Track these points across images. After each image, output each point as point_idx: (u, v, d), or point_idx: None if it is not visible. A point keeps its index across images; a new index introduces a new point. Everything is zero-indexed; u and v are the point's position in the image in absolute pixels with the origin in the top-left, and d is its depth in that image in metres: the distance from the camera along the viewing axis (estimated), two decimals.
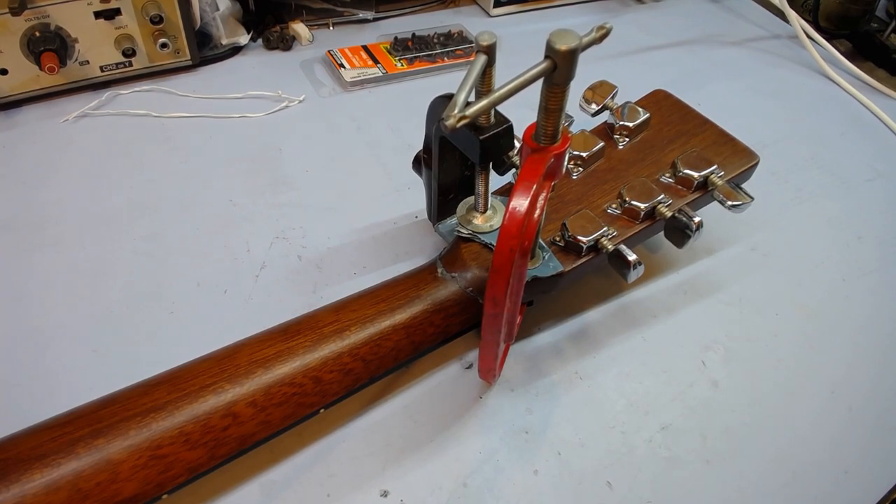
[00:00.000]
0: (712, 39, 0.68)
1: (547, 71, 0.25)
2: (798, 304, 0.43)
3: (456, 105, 0.26)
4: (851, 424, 0.37)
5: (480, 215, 0.38)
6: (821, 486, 0.35)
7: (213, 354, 0.32)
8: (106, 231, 0.44)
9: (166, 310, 0.40)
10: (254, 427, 0.30)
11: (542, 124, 0.28)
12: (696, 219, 0.37)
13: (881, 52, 0.67)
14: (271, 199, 0.47)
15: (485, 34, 0.28)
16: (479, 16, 0.69)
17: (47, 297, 0.40)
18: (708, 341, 0.41)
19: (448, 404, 0.37)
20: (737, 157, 0.41)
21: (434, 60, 0.61)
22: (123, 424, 0.29)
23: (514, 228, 0.27)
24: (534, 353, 0.39)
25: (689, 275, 0.44)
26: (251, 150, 0.51)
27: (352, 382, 0.33)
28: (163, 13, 0.53)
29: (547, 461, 0.35)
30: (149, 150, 0.50)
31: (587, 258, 0.37)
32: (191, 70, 0.58)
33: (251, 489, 0.33)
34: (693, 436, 0.36)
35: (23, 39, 0.49)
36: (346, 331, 0.33)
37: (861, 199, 0.51)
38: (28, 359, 0.37)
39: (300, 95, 0.56)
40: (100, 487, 0.27)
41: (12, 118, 0.52)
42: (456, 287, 0.36)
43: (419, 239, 0.45)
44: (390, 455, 0.34)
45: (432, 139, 0.36)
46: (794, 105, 0.60)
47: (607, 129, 0.43)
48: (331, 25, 0.65)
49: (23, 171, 0.48)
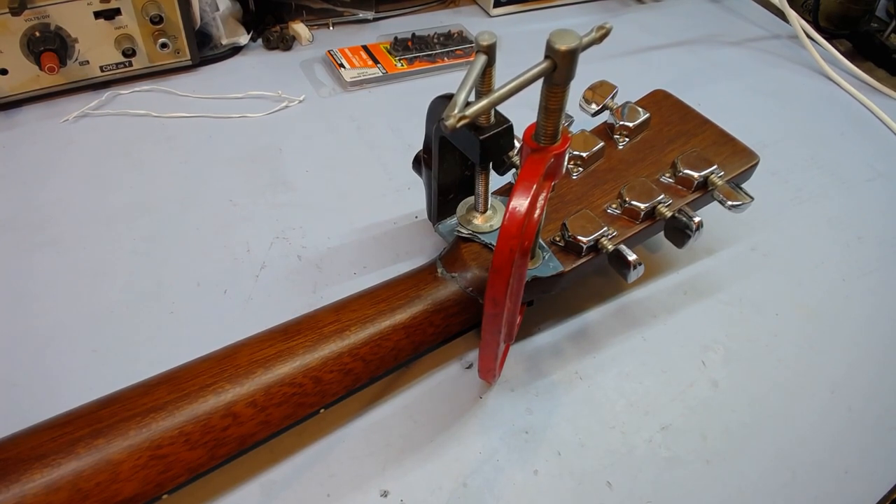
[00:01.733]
0: (712, 39, 0.68)
1: (547, 71, 0.25)
2: (798, 304, 0.43)
3: (456, 105, 0.26)
4: (851, 424, 0.37)
5: (480, 215, 0.38)
6: (821, 486, 0.35)
7: (213, 354, 0.32)
8: (106, 231, 0.44)
9: (166, 310, 0.40)
10: (254, 427, 0.30)
11: (542, 124, 0.28)
12: (696, 219, 0.37)
13: (881, 52, 0.67)
14: (271, 199, 0.47)
15: (485, 34, 0.28)
16: (479, 16, 0.69)
17: (47, 296, 0.40)
18: (708, 341, 0.41)
19: (448, 404, 0.37)
20: (737, 157, 0.41)
21: (434, 60, 0.61)
22: (123, 424, 0.29)
23: (514, 228, 0.27)
24: (534, 353, 0.39)
25: (689, 275, 0.44)
26: (251, 150, 0.51)
27: (352, 382, 0.33)
28: (163, 13, 0.53)
29: (547, 461, 0.35)
30: (149, 150, 0.50)
31: (587, 258, 0.37)
32: (191, 70, 0.58)
33: (251, 489, 0.33)
34: (693, 436, 0.36)
35: (23, 39, 0.49)
36: (346, 331, 0.33)
37: (861, 199, 0.51)
38: (28, 359, 0.37)
39: (300, 95, 0.56)
40: (100, 487, 0.27)
41: (12, 118, 0.52)
42: (456, 287, 0.36)
43: (419, 239, 0.45)
44: (390, 455, 0.34)
45: (432, 139, 0.36)
46: (794, 105, 0.60)
47: (607, 129, 0.43)
48: (331, 25, 0.65)
49: (23, 171, 0.48)
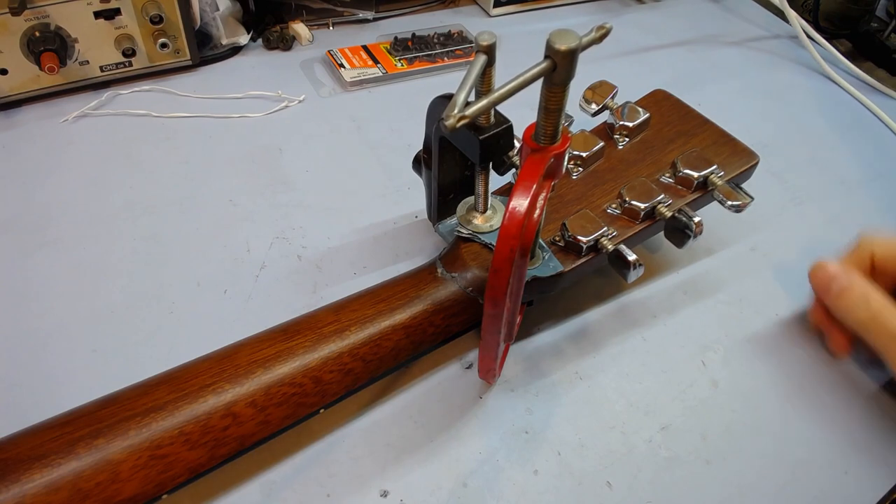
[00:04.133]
0: (712, 39, 0.68)
1: (547, 71, 0.25)
2: (798, 305, 0.43)
3: (456, 105, 0.26)
4: (851, 424, 0.37)
5: (480, 215, 0.38)
6: (821, 486, 0.35)
7: (213, 354, 0.32)
8: (106, 231, 0.44)
9: (166, 310, 0.40)
10: (254, 427, 0.30)
11: (542, 124, 0.28)
12: (696, 219, 0.37)
13: (881, 52, 0.67)
14: (271, 199, 0.47)
15: (485, 34, 0.28)
16: (479, 16, 0.69)
17: (47, 296, 0.40)
18: (708, 341, 0.41)
19: (448, 404, 0.37)
20: (737, 157, 0.41)
21: (434, 60, 0.61)
22: (123, 424, 0.29)
23: (514, 228, 0.27)
24: (534, 353, 0.39)
25: (689, 275, 0.44)
26: (251, 150, 0.51)
27: (352, 382, 0.33)
28: (163, 13, 0.53)
29: (547, 461, 0.35)
30: (149, 150, 0.50)
31: (587, 258, 0.37)
32: (191, 70, 0.58)
33: (251, 489, 0.33)
34: (693, 436, 0.36)
35: (23, 39, 0.49)
36: (346, 331, 0.33)
37: (861, 199, 0.51)
38: (28, 359, 0.37)
39: (300, 95, 0.56)
40: (100, 487, 0.27)
41: (12, 118, 0.52)
42: (456, 287, 0.36)
43: (419, 239, 0.45)
44: (390, 455, 0.34)
45: (432, 139, 0.36)
46: (794, 105, 0.60)
47: (607, 129, 0.43)
48: (331, 25, 0.65)
49: (23, 171, 0.48)
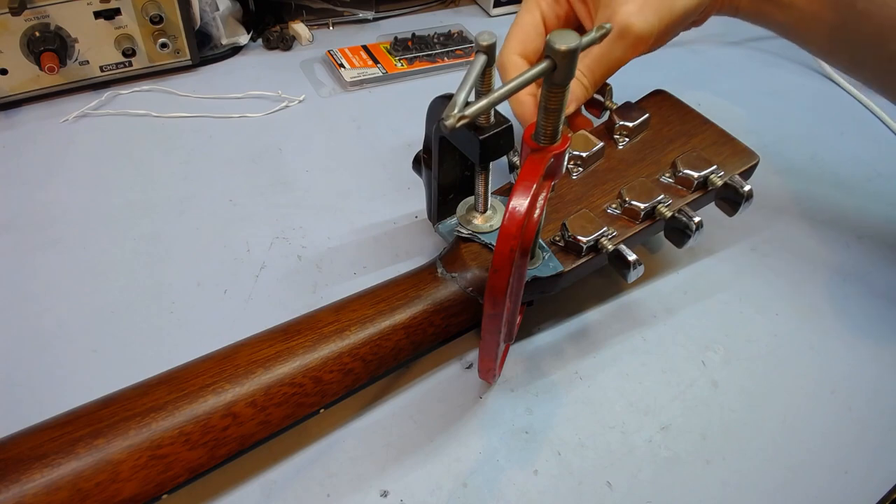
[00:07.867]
0: (712, 39, 0.68)
1: (547, 71, 0.25)
2: (798, 304, 0.43)
3: (456, 105, 0.26)
4: (851, 424, 0.37)
5: (480, 215, 0.38)
6: (821, 486, 0.35)
7: (213, 354, 0.32)
8: (106, 231, 0.44)
9: (166, 310, 0.40)
10: (254, 427, 0.30)
11: (542, 124, 0.28)
12: (696, 219, 0.37)
13: None
14: (271, 199, 0.47)
15: (485, 34, 0.28)
16: (479, 16, 0.69)
17: (47, 296, 0.40)
18: (708, 341, 0.41)
19: (448, 404, 0.37)
20: (737, 157, 0.41)
21: (434, 60, 0.61)
22: (123, 424, 0.29)
23: (513, 228, 0.27)
24: (534, 353, 0.39)
25: (689, 275, 0.44)
26: (251, 150, 0.51)
27: (352, 382, 0.33)
28: (163, 13, 0.53)
29: (547, 461, 0.35)
30: (149, 150, 0.50)
31: (587, 258, 0.37)
32: (191, 70, 0.58)
33: (251, 489, 0.33)
34: (693, 436, 0.36)
35: (23, 39, 0.49)
36: (346, 331, 0.33)
37: (861, 199, 0.51)
38: (28, 358, 0.37)
39: (300, 95, 0.56)
40: (100, 487, 0.27)
41: (12, 118, 0.52)
42: (456, 287, 0.36)
43: (419, 239, 0.45)
44: (390, 455, 0.34)
45: (432, 139, 0.36)
46: (794, 105, 0.60)
47: (607, 129, 0.43)
48: (331, 25, 0.65)
49: (23, 171, 0.48)
